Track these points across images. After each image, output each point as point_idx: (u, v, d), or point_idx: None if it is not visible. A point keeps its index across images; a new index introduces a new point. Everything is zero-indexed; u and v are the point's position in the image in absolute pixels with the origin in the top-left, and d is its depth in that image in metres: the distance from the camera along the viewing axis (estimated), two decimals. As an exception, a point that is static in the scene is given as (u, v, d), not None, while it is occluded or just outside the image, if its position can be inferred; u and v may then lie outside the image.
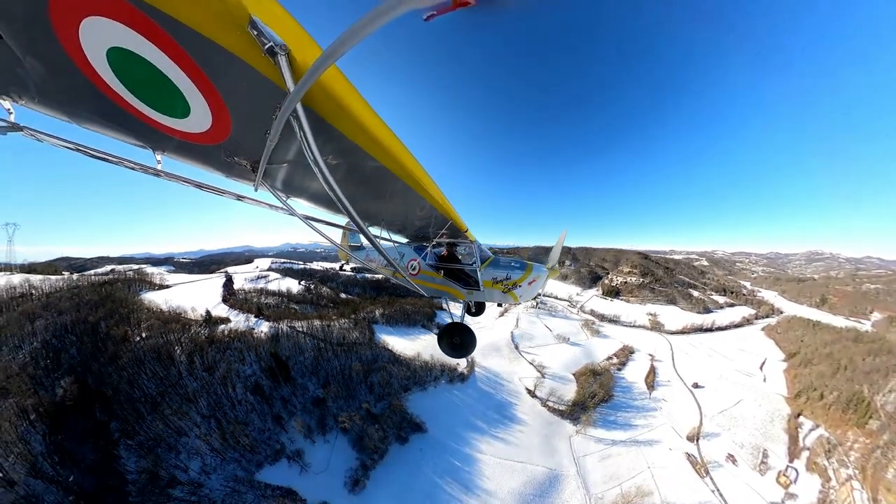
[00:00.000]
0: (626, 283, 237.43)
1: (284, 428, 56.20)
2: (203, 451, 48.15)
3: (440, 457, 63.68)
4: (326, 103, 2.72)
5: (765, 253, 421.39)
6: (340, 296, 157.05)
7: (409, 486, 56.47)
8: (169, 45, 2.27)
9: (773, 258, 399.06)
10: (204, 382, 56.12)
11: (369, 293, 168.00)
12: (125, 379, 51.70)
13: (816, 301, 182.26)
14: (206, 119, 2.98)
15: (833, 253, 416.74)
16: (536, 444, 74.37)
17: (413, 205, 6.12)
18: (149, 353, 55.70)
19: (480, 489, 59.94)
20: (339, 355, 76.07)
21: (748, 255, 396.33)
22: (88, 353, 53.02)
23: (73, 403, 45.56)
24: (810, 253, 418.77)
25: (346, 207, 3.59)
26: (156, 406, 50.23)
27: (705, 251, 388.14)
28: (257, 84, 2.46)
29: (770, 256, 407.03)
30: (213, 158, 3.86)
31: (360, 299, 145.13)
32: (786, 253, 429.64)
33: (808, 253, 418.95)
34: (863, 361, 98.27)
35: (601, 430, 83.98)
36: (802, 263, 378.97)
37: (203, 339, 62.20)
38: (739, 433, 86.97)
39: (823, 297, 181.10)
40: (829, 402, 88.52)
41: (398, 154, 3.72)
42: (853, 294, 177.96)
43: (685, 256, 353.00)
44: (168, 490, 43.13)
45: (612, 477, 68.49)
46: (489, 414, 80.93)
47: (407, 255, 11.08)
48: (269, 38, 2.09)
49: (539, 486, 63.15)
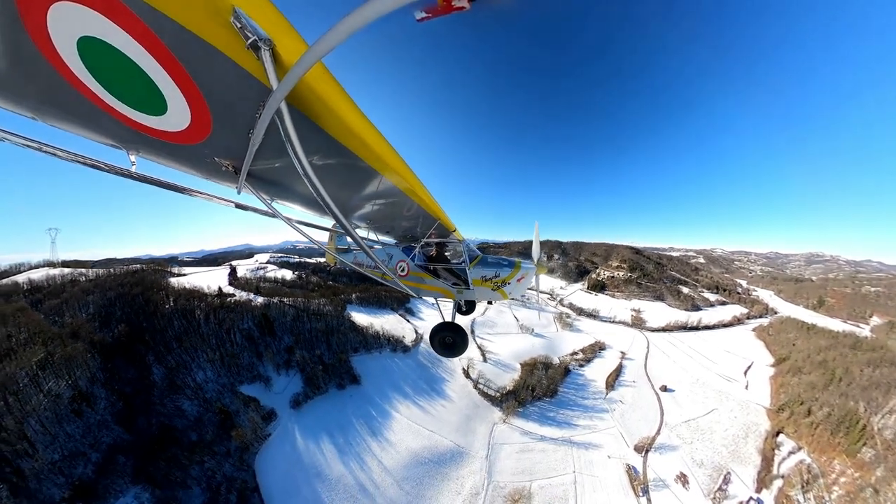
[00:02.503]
0: (612, 278, 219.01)
1: (262, 362, 77.29)
2: (207, 370, 69.19)
3: (363, 405, 73.82)
4: (312, 102, 2.47)
5: (765, 252, 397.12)
6: (328, 283, 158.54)
7: (332, 416, 69.14)
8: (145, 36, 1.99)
9: (773, 258, 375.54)
10: (214, 330, 77.29)
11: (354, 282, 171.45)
12: (160, 328, 72.09)
13: (813, 302, 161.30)
14: (184, 117, 2.65)
15: (833, 255, 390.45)
16: (454, 421, 75.12)
17: (401, 206, 5.79)
18: (177, 312, 77.11)
19: (384, 438, 66.70)
20: (311, 320, 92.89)
21: (748, 254, 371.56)
22: (133, 312, 74.80)
23: (123, 342, 66.30)
24: (810, 254, 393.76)
25: (332, 210, 3.39)
26: (180, 342, 71.20)
27: (704, 249, 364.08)
28: (239, 80, 2.22)
29: (770, 256, 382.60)
30: (192, 159, 3.53)
31: (344, 286, 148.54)
32: (786, 253, 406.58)
33: (808, 254, 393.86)
34: (860, 373, 79.36)
35: (533, 424, 76.87)
36: (802, 264, 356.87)
37: (216, 304, 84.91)
38: (702, 449, 70.29)
39: (821, 299, 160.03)
40: (816, 419, 70.61)
41: (385, 155, 3.46)
42: (852, 296, 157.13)
43: (683, 253, 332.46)
44: (179, 390, 62.97)
45: (525, 471, 62.96)
46: (419, 384, 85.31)
47: (395, 256, 10.46)
48: (253, 32, 1.86)
49: (439, 455, 64.89)
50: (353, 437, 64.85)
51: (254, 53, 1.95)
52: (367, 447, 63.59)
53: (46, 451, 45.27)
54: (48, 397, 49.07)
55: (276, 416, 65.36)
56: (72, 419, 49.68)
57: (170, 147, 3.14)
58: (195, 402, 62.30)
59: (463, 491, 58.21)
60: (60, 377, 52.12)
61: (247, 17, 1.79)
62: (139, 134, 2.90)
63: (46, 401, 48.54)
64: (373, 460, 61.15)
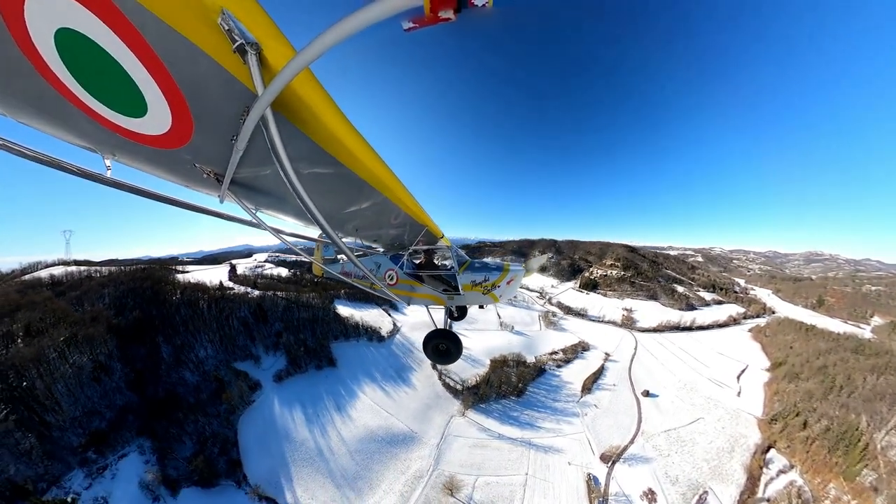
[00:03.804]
0: (605, 277, 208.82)
1: (254, 344, 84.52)
2: (207, 349, 76.63)
3: (335, 384, 79.52)
4: (298, 109, 2.37)
5: (763, 251, 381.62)
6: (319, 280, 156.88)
7: (307, 391, 75.05)
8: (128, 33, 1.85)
9: (772, 257, 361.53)
10: (215, 317, 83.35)
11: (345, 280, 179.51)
12: (168, 314, 78.52)
13: (812, 302, 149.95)
14: (164, 120, 2.47)
15: (832, 254, 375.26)
16: (413, 408, 77.50)
17: (388, 214, 5.65)
18: (183, 302, 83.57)
19: (346, 414, 71.98)
20: (300, 311, 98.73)
21: (746, 252, 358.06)
22: (144, 302, 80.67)
23: (136, 326, 73.15)
24: (809, 253, 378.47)
25: (318, 219, 3.28)
26: (186, 326, 78.18)
27: (702, 248, 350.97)
28: (224, 84, 2.09)
29: (768, 255, 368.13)
30: (171, 165, 3.29)
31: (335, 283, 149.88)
32: (785, 252, 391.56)
33: (807, 253, 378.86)
34: (863, 381, 69.28)
35: (493, 421, 74.86)
36: (801, 263, 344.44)
37: (217, 296, 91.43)
38: (679, 463, 61.36)
39: (820, 298, 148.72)
40: (812, 434, 61.02)
41: (372, 163, 3.34)
42: (852, 296, 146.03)
43: (681, 252, 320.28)
44: (183, 365, 70.98)
45: (474, 466, 62.25)
46: (388, 371, 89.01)
47: (383, 265, 9.86)
48: (241, 35, 1.77)
49: (392, 435, 68.24)
50: (321, 410, 71.40)
51: (240, 57, 1.84)
52: (330, 419, 69.70)
53: (69, 409, 53.94)
54: (73, 368, 57.16)
55: (260, 387, 73.68)
56: (92, 385, 58.71)
57: (148, 151, 2.90)
58: (196, 374, 71.11)
59: (407, 472, 60.55)
60: (83, 352, 60.26)
61: (235, 20, 1.69)
62: (116, 136, 2.65)
63: (71, 370, 56.70)
64: (333, 431, 67.00)
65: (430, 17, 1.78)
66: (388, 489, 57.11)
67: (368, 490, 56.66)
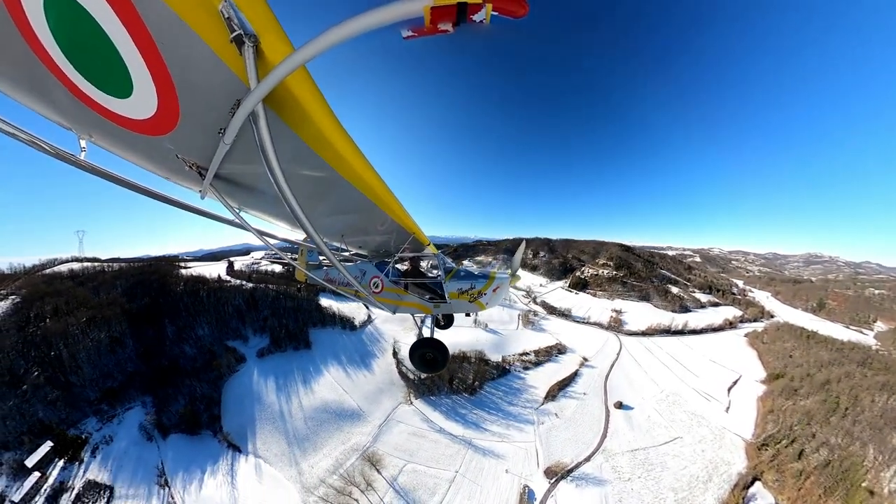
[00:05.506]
0: (595, 276, 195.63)
1: (245, 326, 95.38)
2: (205, 329, 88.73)
3: (307, 363, 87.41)
4: (291, 107, 2.24)
5: (763, 253, 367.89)
6: None
7: (281, 366, 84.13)
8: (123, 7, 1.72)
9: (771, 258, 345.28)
10: (213, 304, 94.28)
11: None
12: (173, 302, 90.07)
13: (813, 305, 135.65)
14: (150, 104, 2.27)
15: (832, 256, 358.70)
16: (367, 390, 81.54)
17: (374, 220, 5.42)
18: (186, 292, 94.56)
19: (309, 387, 79.39)
20: (286, 301, 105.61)
21: (746, 254, 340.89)
22: (152, 291, 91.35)
23: (146, 310, 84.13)
24: (809, 255, 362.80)
25: (303, 222, 3.15)
26: (188, 311, 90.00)
27: (701, 248, 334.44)
28: (217, 73, 1.97)
29: (768, 257, 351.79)
30: (152, 153, 3.04)
31: None
32: (784, 254, 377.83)
33: (806, 255, 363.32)
34: (872, 403, 56.49)
35: (438, 415, 74.56)
36: (800, 265, 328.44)
37: (216, 287, 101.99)
38: (640, 489, 50.26)
39: (821, 301, 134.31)
40: (808, 466, 48.95)
41: (361, 169, 3.19)
42: (855, 299, 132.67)
43: (679, 252, 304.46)
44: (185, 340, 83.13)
45: (407, 452, 63.39)
46: (354, 356, 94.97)
47: (368, 272, 9.32)
48: (240, 25, 1.68)
49: (340, 410, 73.97)
50: (290, 381, 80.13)
51: (237, 48, 1.74)
52: (296, 390, 77.83)
53: (89, 372, 65.34)
54: (93, 342, 67.84)
55: (245, 360, 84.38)
56: (108, 355, 69.85)
57: (129, 136, 2.65)
58: (194, 348, 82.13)
59: (347, 443, 65.51)
60: (101, 330, 70.49)
61: (236, 9, 1.61)
62: (96, 115, 2.41)
63: (91, 343, 67.61)
64: (296, 399, 75.10)
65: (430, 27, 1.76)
66: (327, 454, 62.52)
67: (312, 451, 62.82)
